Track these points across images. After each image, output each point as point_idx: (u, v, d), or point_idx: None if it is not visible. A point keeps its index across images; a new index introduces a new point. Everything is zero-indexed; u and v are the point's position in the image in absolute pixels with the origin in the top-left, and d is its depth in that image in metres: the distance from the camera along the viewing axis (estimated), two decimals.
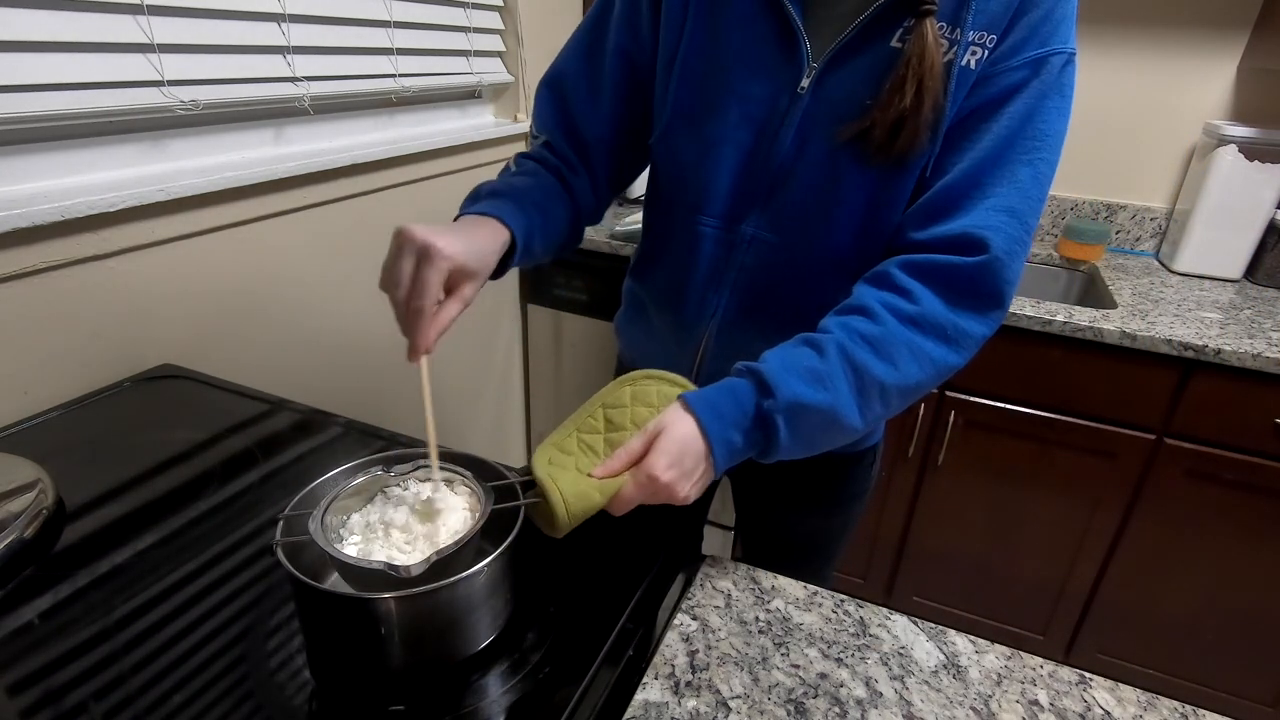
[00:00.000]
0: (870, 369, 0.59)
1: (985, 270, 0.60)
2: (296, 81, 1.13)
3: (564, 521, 0.55)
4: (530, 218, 0.68)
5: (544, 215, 0.70)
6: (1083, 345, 1.34)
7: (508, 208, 0.66)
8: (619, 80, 0.75)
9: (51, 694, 0.49)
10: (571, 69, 0.77)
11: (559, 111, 0.77)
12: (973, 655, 0.57)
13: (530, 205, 0.69)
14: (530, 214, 0.68)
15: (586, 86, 0.76)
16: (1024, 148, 0.60)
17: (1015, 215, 0.60)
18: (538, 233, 0.69)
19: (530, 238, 0.68)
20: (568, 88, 0.77)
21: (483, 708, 0.50)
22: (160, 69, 0.93)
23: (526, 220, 0.67)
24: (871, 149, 0.63)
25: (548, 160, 0.76)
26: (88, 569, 0.60)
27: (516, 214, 0.66)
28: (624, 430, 0.60)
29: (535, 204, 0.69)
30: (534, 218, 0.68)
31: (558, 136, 0.77)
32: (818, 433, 0.60)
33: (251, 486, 0.73)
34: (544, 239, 0.71)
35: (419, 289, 0.55)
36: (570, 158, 0.77)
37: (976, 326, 0.61)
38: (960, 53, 0.59)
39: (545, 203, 0.71)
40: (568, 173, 0.76)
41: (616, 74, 0.74)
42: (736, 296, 0.73)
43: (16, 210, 0.79)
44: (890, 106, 0.60)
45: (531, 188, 0.71)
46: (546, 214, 0.71)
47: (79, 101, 0.86)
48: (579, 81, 0.76)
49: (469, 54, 1.54)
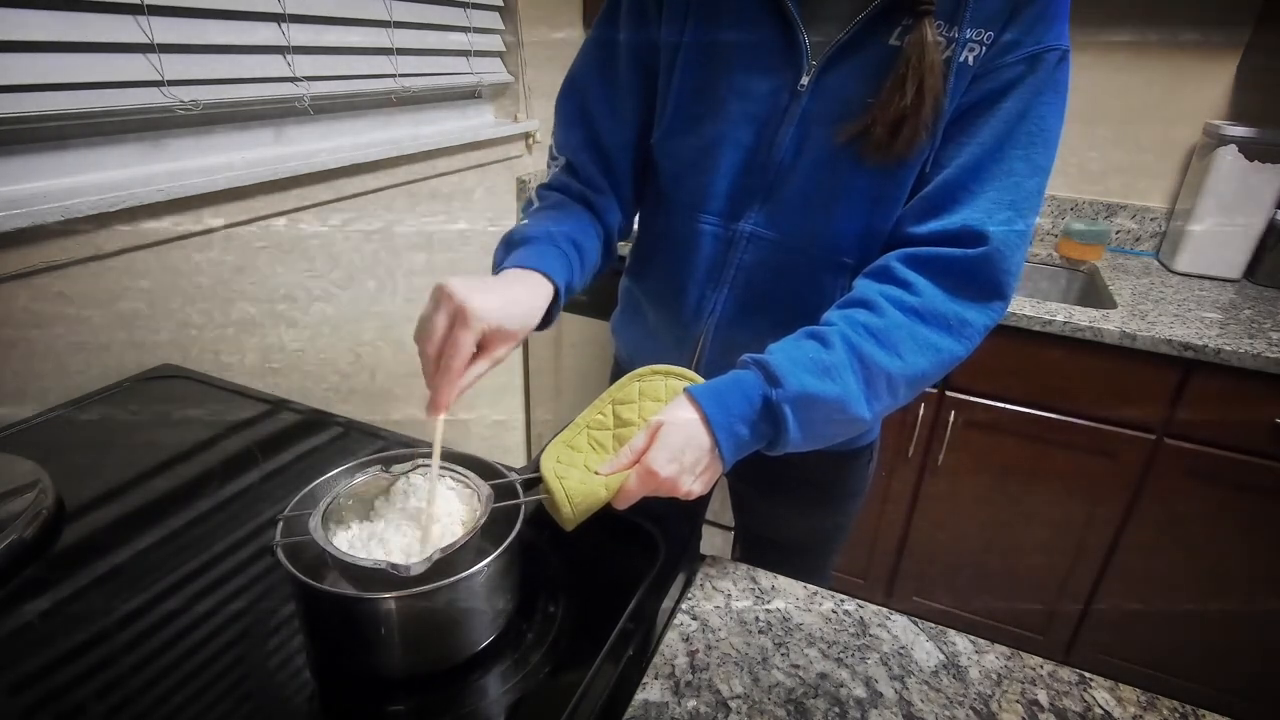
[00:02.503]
0: (876, 360, 0.59)
1: (985, 262, 0.61)
2: (296, 81, 1.13)
3: (569, 517, 0.56)
4: (569, 260, 0.67)
5: (580, 251, 0.69)
6: (1083, 345, 1.34)
7: (547, 256, 0.65)
8: (635, 81, 0.74)
9: (51, 694, 0.49)
10: (589, 73, 0.76)
11: (581, 123, 0.76)
12: (973, 655, 0.57)
13: (567, 246, 0.68)
14: (569, 256, 0.67)
15: (605, 94, 0.75)
16: (1021, 142, 0.61)
17: (1014, 208, 0.61)
18: (577, 272, 0.69)
19: (571, 280, 0.67)
20: (589, 95, 0.76)
21: (483, 708, 0.50)
22: (160, 69, 0.93)
23: (567, 265, 0.66)
24: (871, 148, 0.63)
25: (571, 188, 0.76)
26: (88, 569, 0.60)
27: (556, 261, 0.65)
28: (632, 426, 0.60)
29: (572, 244, 0.69)
30: (572, 258, 0.68)
31: (580, 153, 0.76)
32: (826, 424, 0.60)
33: (251, 486, 0.73)
34: (583, 275, 0.70)
35: (451, 348, 0.55)
36: (595, 178, 0.76)
37: (978, 316, 0.62)
38: (959, 50, 0.60)
39: (578, 238, 0.70)
40: (594, 196, 0.75)
41: (632, 75, 0.74)
42: (735, 294, 0.73)
43: (16, 210, 0.79)
44: (890, 105, 0.60)
45: (563, 224, 0.70)
46: (582, 249, 0.70)
47: (79, 101, 0.86)
48: (598, 89, 0.75)
49: (469, 54, 1.54)
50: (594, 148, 0.76)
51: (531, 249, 0.66)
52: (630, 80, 0.74)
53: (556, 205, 0.74)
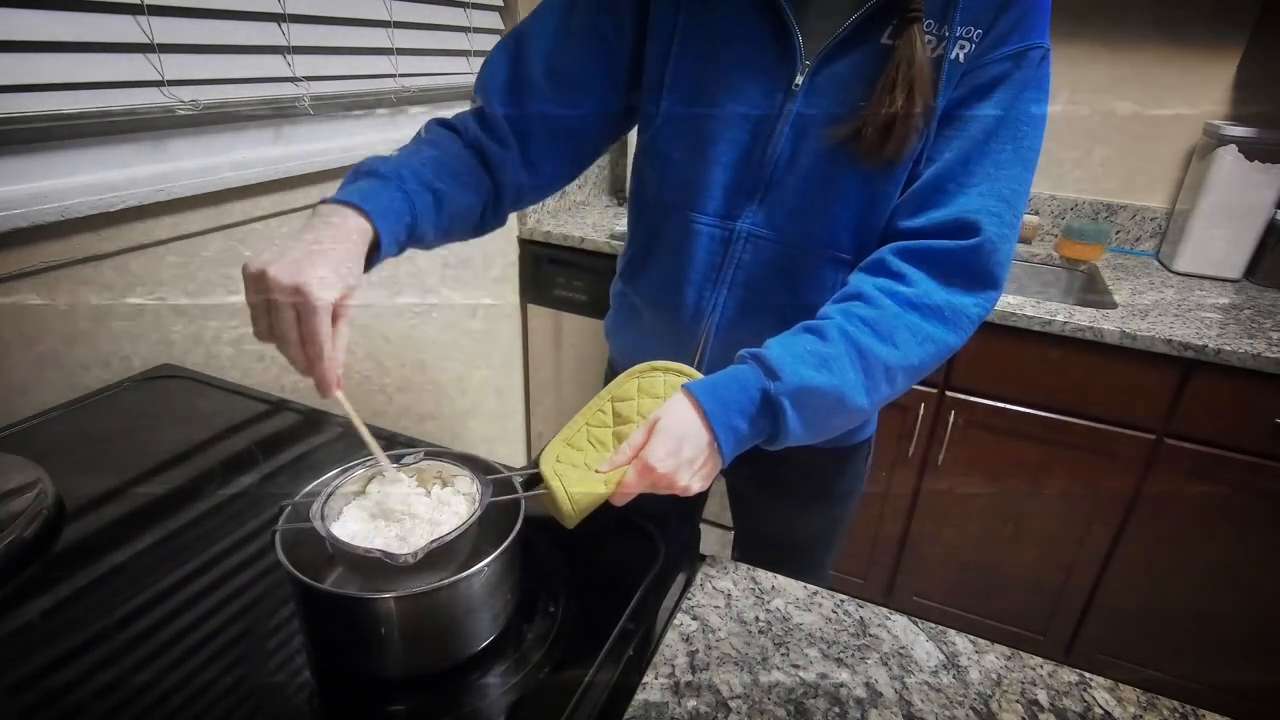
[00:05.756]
0: (873, 350, 0.60)
1: (978, 252, 0.62)
2: (296, 81, 1.13)
3: (570, 515, 0.56)
4: (413, 203, 0.60)
5: (435, 196, 0.63)
6: (1083, 345, 1.34)
7: (379, 195, 0.58)
8: (587, 58, 0.71)
9: (51, 694, 0.49)
10: (538, 26, 0.72)
11: (510, 72, 0.71)
12: (973, 655, 0.57)
13: (419, 185, 0.61)
14: (413, 199, 0.60)
15: (548, 47, 0.71)
16: (1008, 135, 0.63)
17: (1004, 199, 0.62)
18: (426, 218, 0.62)
19: (415, 225, 0.61)
20: (528, 51, 0.71)
21: (483, 708, 0.50)
22: (160, 69, 0.93)
23: (408, 208, 0.60)
24: (864, 150, 0.64)
25: (467, 129, 0.70)
26: (88, 569, 0.60)
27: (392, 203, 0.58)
28: (631, 423, 0.60)
29: (424, 186, 0.62)
30: (419, 202, 0.61)
31: (496, 100, 0.71)
32: (825, 416, 0.61)
33: (251, 486, 0.73)
34: (437, 221, 0.64)
35: (310, 339, 0.50)
36: (501, 128, 0.70)
37: (972, 306, 0.63)
38: (950, 47, 0.62)
39: (443, 180, 0.64)
40: (490, 144, 0.70)
41: (587, 50, 0.71)
42: (735, 293, 0.74)
43: (16, 210, 0.79)
44: (881, 109, 0.62)
45: (430, 161, 0.64)
46: (440, 195, 0.63)
47: (79, 101, 0.86)
48: (543, 41, 0.71)
49: (469, 54, 1.54)
50: (513, 99, 0.71)
51: (369, 184, 0.59)
52: (582, 53, 0.71)
53: (433, 143, 0.67)
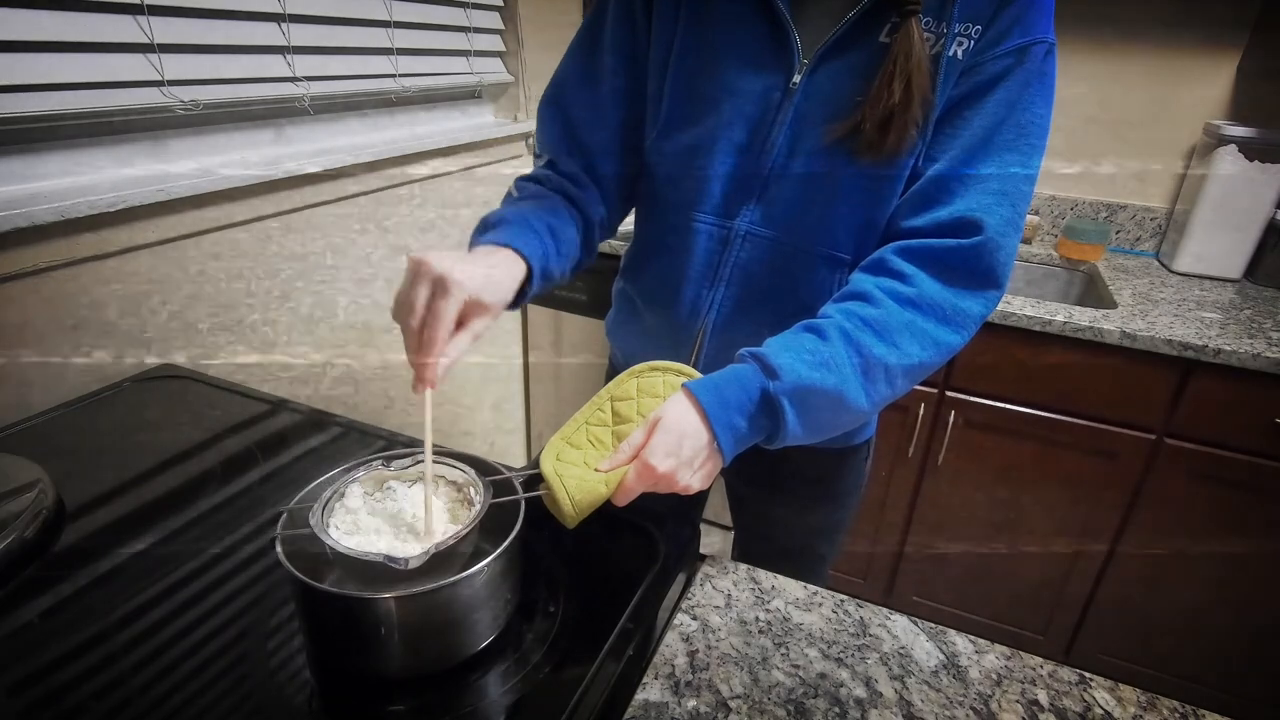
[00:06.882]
0: (874, 351, 0.59)
1: (981, 251, 0.61)
2: (296, 81, 1.13)
3: (570, 514, 0.56)
4: (544, 243, 0.66)
5: (555, 237, 0.69)
6: (1083, 345, 1.34)
7: (520, 235, 0.64)
8: (619, 81, 0.74)
9: (51, 694, 0.49)
10: (571, 76, 0.76)
11: (560, 124, 0.76)
12: (973, 655, 0.57)
13: (542, 228, 0.67)
14: (543, 238, 0.66)
15: (587, 92, 0.75)
16: (1011, 133, 0.62)
17: (1006, 198, 0.62)
18: (553, 256, 0.68)
19: (547, 263, 0.66)
20: (568, 97, 0.76)
21: (483, 708, 0.50)
22: (160, 69, 0.93)
23: (541, 246, 0.66)
24: (862, 146, 0.64)
25: (550, 179, 0.75)
26: (88, 569, 0.60)
27: (530, 241, 0.65)
28: (631, 422, 0.60)
29: (546, 227, 0.68)
30: (547, 242, 0.67)
31: (560, 151, 0.76)
32: (825, 416, 0.60)
33: (251, 486, 0.73)
34: (560, 261, 0.69)
35: (433, 319, 0.54)
36: (575, 173, 0.75)
37: (974, 306, 0.63)
38: (948, 43, 0.61)
39: (554, 224, 0.69)
40: (573, 188, 0.75)
41: (616, 75, 0.74)
42: (732, 292, 0.74)
43: (16, 210, 0.79)
44: (879, 104, 0.61)
45: (538, 211, 0.69)
46: (557, 235, 0.69)
47: (79, 101, 0.86)
48: (579, 88, 0.76)
49: (469, 54, 1.54)
50: (574, 149, 0.76)
51: (505, 230, 0.65)
52: (614, 83, 0.74)
53: (534, 195, 0.73)
